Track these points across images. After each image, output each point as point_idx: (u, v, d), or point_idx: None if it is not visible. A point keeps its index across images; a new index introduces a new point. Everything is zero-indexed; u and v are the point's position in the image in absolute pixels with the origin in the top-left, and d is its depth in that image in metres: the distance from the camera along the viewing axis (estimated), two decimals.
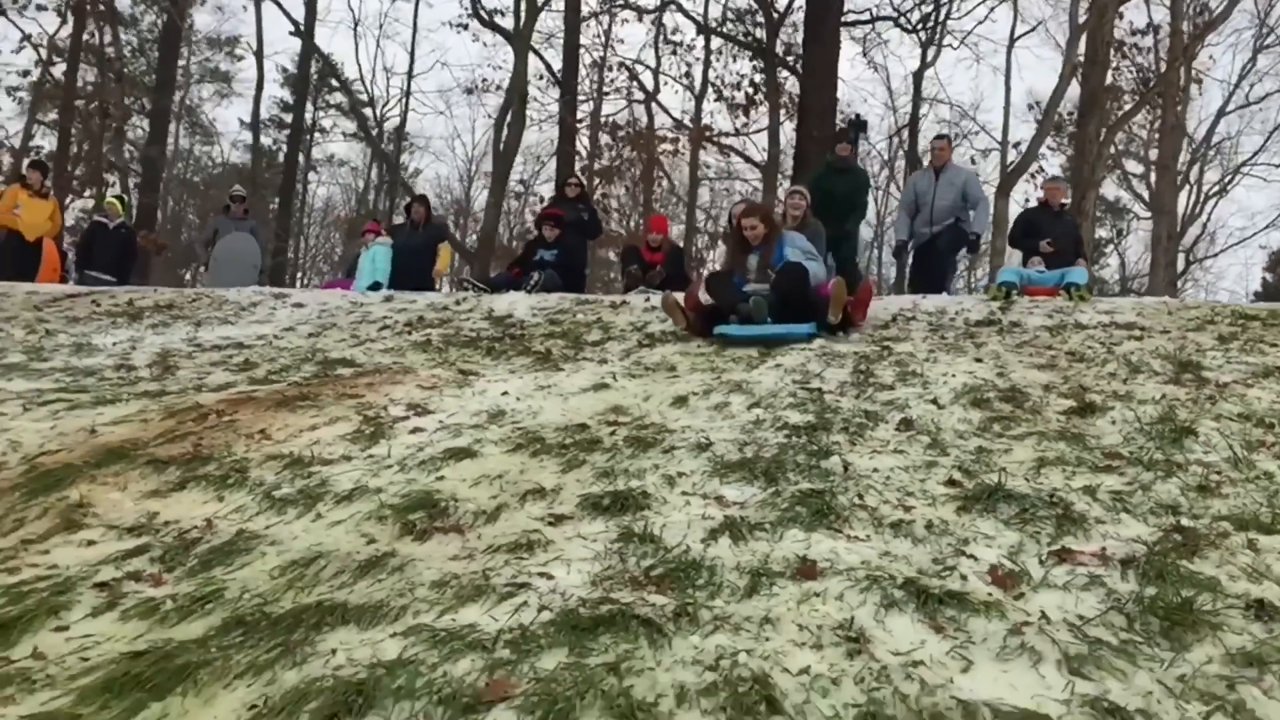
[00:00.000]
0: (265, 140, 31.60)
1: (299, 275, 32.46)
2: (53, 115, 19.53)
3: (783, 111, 18.05)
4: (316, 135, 30.63)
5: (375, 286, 10.53)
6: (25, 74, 19.21)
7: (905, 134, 23.34)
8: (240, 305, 7.99)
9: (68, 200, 17.27)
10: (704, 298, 6.57)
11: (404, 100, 23.16)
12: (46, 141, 21.18)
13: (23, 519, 3.34)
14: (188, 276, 26.26)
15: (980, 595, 2.54)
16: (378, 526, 3.17)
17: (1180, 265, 26.33)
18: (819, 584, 2.62)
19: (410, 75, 22.54)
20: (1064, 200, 10.27)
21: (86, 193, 18.56)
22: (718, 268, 9.42)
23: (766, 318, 6.20)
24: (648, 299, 8.10)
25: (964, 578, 2.67)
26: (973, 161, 23.01)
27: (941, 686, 2.09)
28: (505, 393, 4.94)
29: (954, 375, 5.09)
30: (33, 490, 3.55)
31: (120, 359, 5.98)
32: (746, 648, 2.24)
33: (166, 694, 2.13)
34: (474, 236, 22.15)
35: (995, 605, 2.46)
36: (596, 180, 13.67)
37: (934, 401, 4.61)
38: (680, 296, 6.68)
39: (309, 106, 29.71)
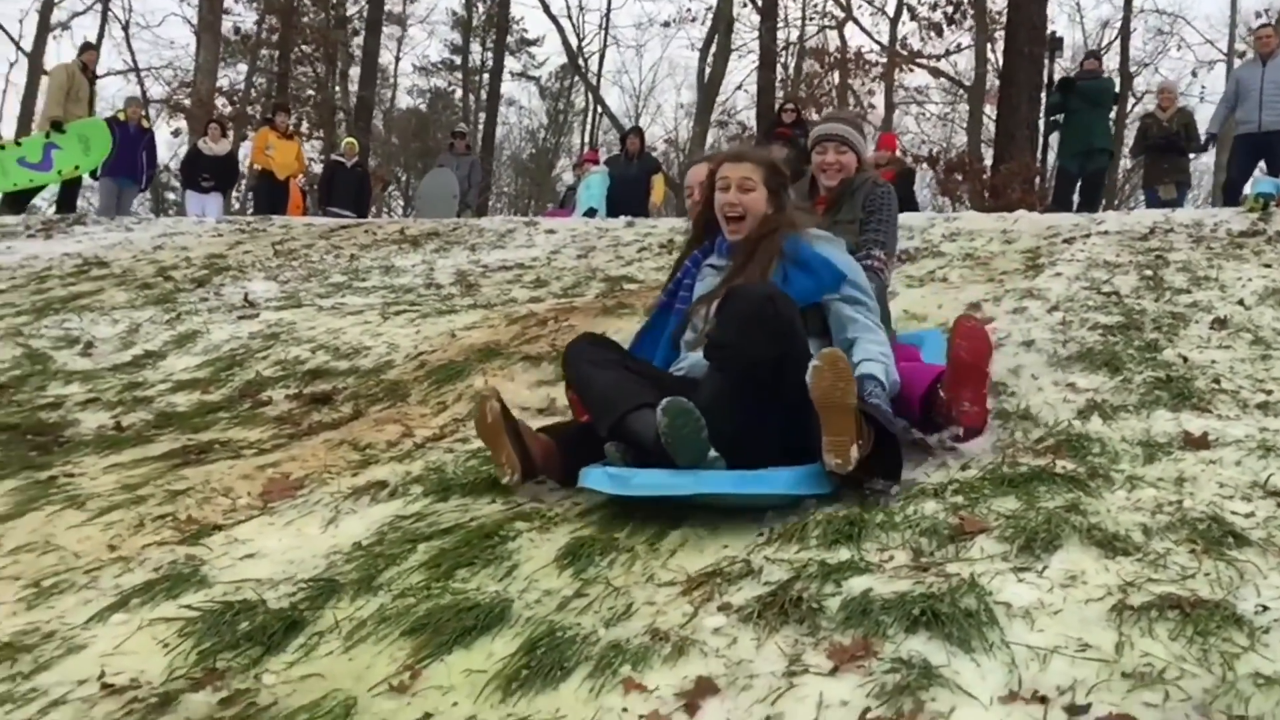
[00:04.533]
0: (439, 83, 32.71)
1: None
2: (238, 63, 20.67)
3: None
4: (485, 76, 31.39)
5: (590, 213, 11.00)
6: (259, 22, 20.50)
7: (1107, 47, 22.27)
8: (499, 233, 8.54)
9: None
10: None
11: (603, 35, 23.70)
12: (257, 89, 22.63)
13: (444, 402, 3.87)
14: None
15: None
16: None
17: None
18: (1213, 453, 2.84)
19: (608, 10, 22.97)
20: None
21: (314, 135, 19.82)
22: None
23: (706, 450, 2.58)
24: None
25: None
26: (1193, 74, 21.90)
27: None
28: None
29: (1249, 279, 5.12)
30: (438, 380, 4.09)
31: (426, 278, 6.58)
32: (1179, 499, 2.49)
33: None
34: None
35: None
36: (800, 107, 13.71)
37: (1240, 303, 4.68)
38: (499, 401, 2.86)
39: (477, 47, 30.58)
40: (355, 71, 20.74)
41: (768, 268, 2.89)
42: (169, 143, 20.54)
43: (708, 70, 18.16)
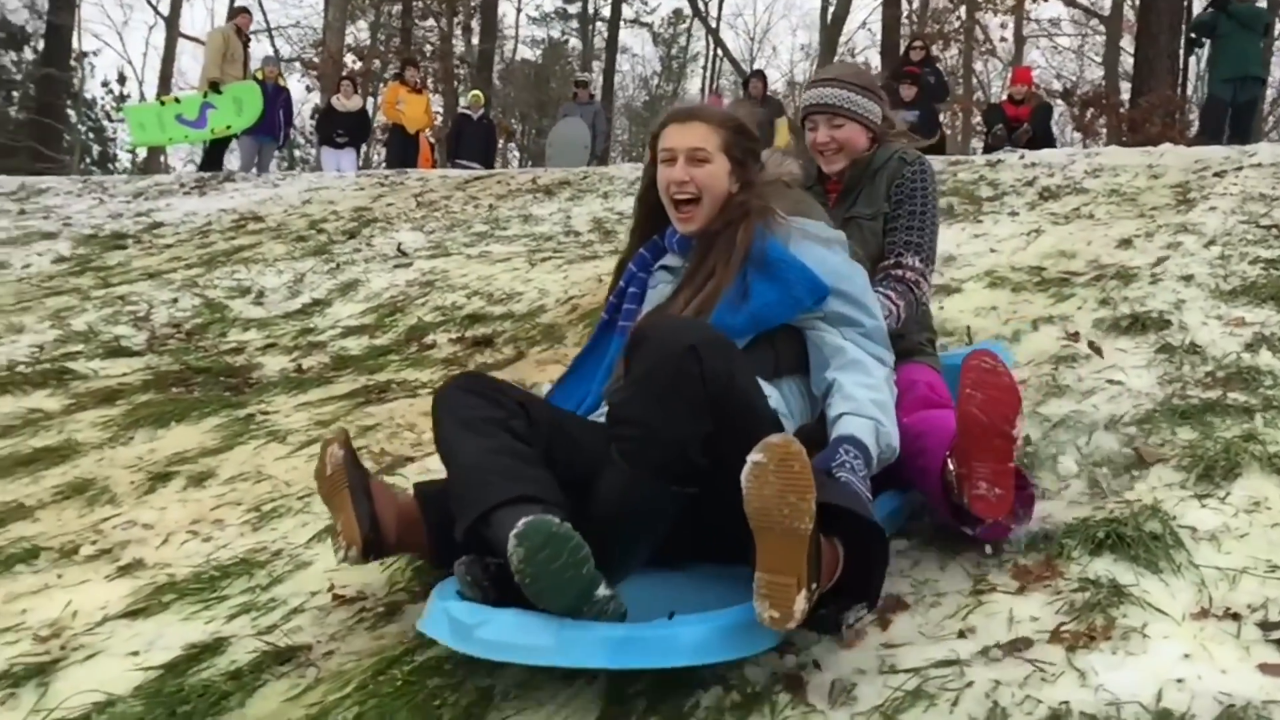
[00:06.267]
0: (554, 33, 32.87)
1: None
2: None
3: None
4: (599, 25, 31.40)
5: None
6: None
7: None
8: (628, 180, 8.63)
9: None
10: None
11: None
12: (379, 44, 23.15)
13: None
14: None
15: None
16: None
17: None
18: None
19: None
20: None
21: (439, 89, 20.28)
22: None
23: (589, 589, 1.63)
24: (1022, 157, 8.05)
25: None
26: None
27: None
28: None
29: None
30: (591, 323, 4.22)
31: (564, 226, 6.74)
32: None
33: None
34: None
35: None
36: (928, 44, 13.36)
37: None
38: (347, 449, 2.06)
39: None
40: (475, 25, 21.06)
41: (729, 273, 2.06)
42: (300, 100, 21.22)
43: (830, 9, 17.86)
